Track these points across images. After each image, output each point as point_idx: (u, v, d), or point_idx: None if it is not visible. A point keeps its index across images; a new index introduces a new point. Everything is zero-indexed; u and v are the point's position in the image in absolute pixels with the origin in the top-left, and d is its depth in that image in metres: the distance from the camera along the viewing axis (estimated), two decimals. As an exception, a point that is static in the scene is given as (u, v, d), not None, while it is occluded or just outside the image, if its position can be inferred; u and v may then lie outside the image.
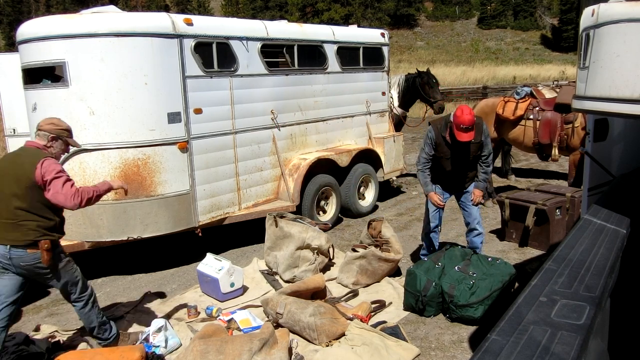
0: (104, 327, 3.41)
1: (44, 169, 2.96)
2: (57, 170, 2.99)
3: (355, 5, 46.42)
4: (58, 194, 2.95)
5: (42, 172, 2.95)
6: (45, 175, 2.95)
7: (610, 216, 2.65)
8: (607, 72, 2.37)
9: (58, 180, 2.97)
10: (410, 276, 3.92)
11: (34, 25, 4.53)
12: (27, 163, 2.97)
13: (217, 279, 4.18)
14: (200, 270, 4.37)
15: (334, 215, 6.22)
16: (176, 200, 4.76)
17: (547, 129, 6.41)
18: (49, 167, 2.97)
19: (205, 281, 4.36)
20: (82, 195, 3.02)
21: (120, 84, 4.42)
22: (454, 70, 29.64)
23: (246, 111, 5.28)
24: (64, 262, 3.20)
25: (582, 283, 1.83)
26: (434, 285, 3.81)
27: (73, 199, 2.98)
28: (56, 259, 3.12)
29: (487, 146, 4.23)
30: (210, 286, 4.30)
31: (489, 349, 1.39)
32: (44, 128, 3.11)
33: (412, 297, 3.90)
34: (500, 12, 51.22)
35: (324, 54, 6.16)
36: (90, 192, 3.09)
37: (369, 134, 6.96)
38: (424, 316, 3.89)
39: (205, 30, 4.84)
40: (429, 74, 7.77)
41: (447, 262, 4.03)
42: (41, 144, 3.09)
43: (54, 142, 3.12)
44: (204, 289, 4.44)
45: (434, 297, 3.81)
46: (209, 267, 4.32)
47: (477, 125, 4.09)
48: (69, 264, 3.23)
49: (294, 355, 3.27)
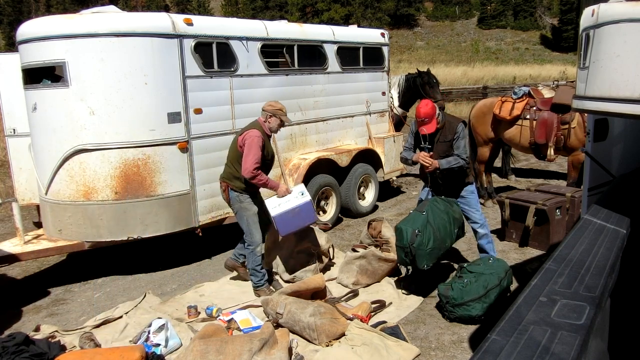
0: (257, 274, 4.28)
1: (245, 137, 4.00)
2: (253, 145, 3.94)
3: (355, 5, 46.43)
4: (245, 160, 3.95)
5: (244, 138, 4.00)
6: (243, 142, 4.00)
7: (610, 216, 2.65)
8: (607, 72, 2.37)
9: (249, 153, 3.93)
10: (397, 232, 3.99)
11: (34, 25, 4.54)
12: (243, 129, 4.14)
13: (308, 201, 4.21)
14: (279, 213, 4.11)
15: (334, 215, 6.22)
16: (176, 200, 4.76)
17: (544, 129, 6.39)
18: (248, 138, 3.98)
19: (290, 217, 4.15)
20: (258, 174, 3.95)
21: (120, 84, 4.42)
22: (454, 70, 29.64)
23: (246, 111, 5.28)
24: (237, 207, 4.18)
25: (582, 283, 1.82)
26: (418, 233, 3.86)
27: (249, 172, 3.91)
28: (234, 202, 4.19)
29: (458, 148, 4.24)
30: (300, 216, 4.19)
31: (489, 349, 1.39)
32: (265, 108, 4.17)
33: (402, 251, 3.96)
34: (500, 12, 51.24)
35: (324, 54, 6.16)
36: (264, 179, 4.01)
37: (369, 134, 6.96)
38: (419, 268, 3.95)
39: (205, 30, 4.84)
40: (429, 74, 7.76)
41: (430, 208, 4.07)
42: (262, 120, 4.15)
43: (270, 119, 4.14)
44: (287, 229, 4.20)
45: (421, 245, 3.85)
46: (287, 202, 4.16)
47: (450, 124, 4.26)
48: (241, 212, 4.18)
49: (294, 355, 3.27)
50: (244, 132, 4.08)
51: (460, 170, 4.30)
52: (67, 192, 4.58)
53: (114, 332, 3.76)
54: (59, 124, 4.49)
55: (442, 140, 4.27)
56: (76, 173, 4.51)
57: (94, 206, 4.55)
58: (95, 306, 4.33)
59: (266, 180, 4.04)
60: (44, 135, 4.61)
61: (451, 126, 4.27)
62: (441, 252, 4.05)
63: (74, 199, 4.57)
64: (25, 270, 5.26)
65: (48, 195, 4.70)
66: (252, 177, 3.94)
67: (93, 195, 4.53)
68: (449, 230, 4.08)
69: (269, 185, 4.08)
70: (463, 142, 4.24)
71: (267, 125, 4.16)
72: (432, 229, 3.92)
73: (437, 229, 3.96)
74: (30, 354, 3.21)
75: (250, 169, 3.92)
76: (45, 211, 4.83)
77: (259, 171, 3.97)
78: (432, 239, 3.90)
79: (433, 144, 4.30)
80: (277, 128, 4.23)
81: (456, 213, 4.23)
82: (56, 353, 3.26)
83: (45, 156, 4.64)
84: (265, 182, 4.04)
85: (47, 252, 4.69)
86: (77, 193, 4.55)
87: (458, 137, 4.23)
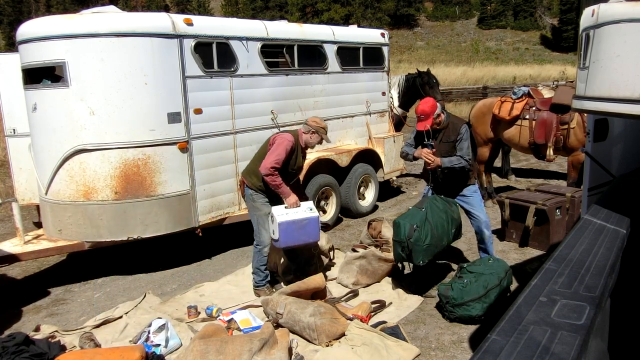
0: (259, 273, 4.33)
1: (276, 137, 4.11)
2: (280, 146, 3.99)
3: (355, 5, 46.43)
4: (267, 157, 3.98)
5: (276, 138, 4.10)
6: (274, 141, 4.08)
7: (610, 216, 2.65)
8: (607, 72, 2.37)
9: (274, 152, 3.98)
10: (395, 227, 4.00)
11: (34, 25, 4.54)
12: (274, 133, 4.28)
13: (317, 217, 4.14)
14: (286, 220, 4.00)
15: (334, 215, 6.22)
16: (176, 200, 4.76)
17: (543, 129, 6.38)
18: (279, 138, 4.07)
19: (295, 228, 4.04)
20: (273, 175, 3.95)
21: (120, 84, 4.42)
22: (454, 70, 29.66)
23: (246, 111, 5.28)
24: (249, 205, 4.24)
25: (582, 283, 1.82)
26: (416, 228, 3.86)
27: (265, 169, 3.92)
28: (247, 199, 4.25)
29: (461, 150, 4.23)
30: (305, 231, 4.09)
31: (489, 349, 1.39)
32: (309, 123, 4.22)
33: (399, 246, 3.97)
34: (500, 12, 51.26)
35: (324, 54, 6.16)
36: (278, 182, 3.99)
37: (369, 134, 6.96)
38: (415, 264, 3.98)
39: (205, 30, 4.84)
40: (429, 74, 7.76)
41: (429, 206, 4.07)
42: (301, 131, 4.22)
43: (312, 135, 4.20)
44: (288, 241, 4.08)
45: (418, 241, 3.86)
46: (294, 213, 4.06)
47: (454, 124, 4.27)
48: (253, 211, 4.23)
49: (294, 355, 3.27)
50: (279, 133, 4.17)
51: (462, 171, 4.30)
52: (67, 192, 4.58)
53: (114, 332, 3.76)
54: (59, 124, 4.49)
55: (445, 140, 4.28)
56: (76, 173, 4.51)
57: (94, 206, 4.55)
58: (95, 306, 4.33)
59: (280, 183, 4.00)
60: (44, 135, 4.61)
61: (455, 127, 4.27)
62: (437, 250, 4.06)
63: (74, 199, 4.57)
64: (25, 270, 5.25)
65: (48, 195, 4.70)
66: (267, 174, 3.93)
67: (93, 195, 4.53)
68: (447, 230, 4.09)
69: (280, 189, 4.02)
70: (466, 144, 4.23)
71: (306, 139, 4.20)
72: (430, 225, 3.93)
73: (434, 227, 3.96)
74: (30, 354, 3.21)
75: (268, 167, 3.91)
76: (45, 211, 4.83)
77: (276, 172, 3.95)
78: (429, 236, 3.91)
79: (437, 139, 4.31)
80: (315, 145, 4.29)
81: (454, 213, 4.23)
82: (56, 353, 3.26)
83: (45, 156, 4.64)
84: (278, 184, 4.00)
85: (47, 252, 4.69)
86: (77, 193, 4.55)
87: (461, 139, 4.23)
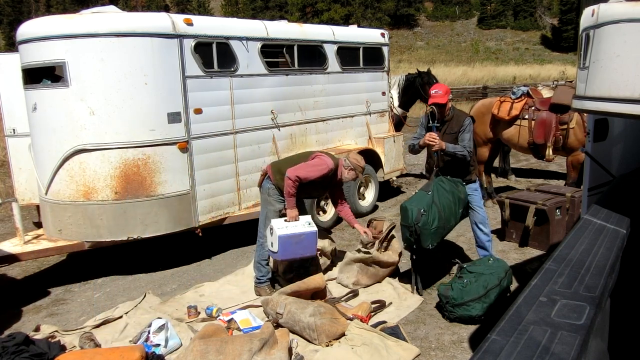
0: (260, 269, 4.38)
1: (320, 156, 4.26)
2: (316, 167, 4.14)
3: (355, 5, 46.43)
4: (299, 166, 4.11)
5: (317, 156, 4.27)
6: (314, 158, 4.25)
7: (610, 216, 2.65)
8: (607, 72, 2.37)
9: (308, 167, 4.12)
10: (403, 211, 4.01)
11: (34, 25, 4.54)
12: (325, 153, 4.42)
13: (315, 231, 4.14)
14: (286, 234, 4.01)
15: (333, 215, 6.22)
16: (176, 200, 4.76)
17: (542, 129, 6.37)
18: (320, 159, 4.23)
19: (293, 242, 4.06)
20: (294, 184, 4.02)
21: (120, 84, 4.42)
22: (454, 70, 29.66)
23: (246, 111, 5.28)
24: (264, 197, 4.35)
25: (582, 283, 1.82)
26: (424, 212, 3.87)
27: (292, 174, 4.01)
28: (263, 191, 4.36)
29: (463, 141, 4.28)
30: (302, 245, 4.10)
31: (489, 349, 1.39)
32: (351, 160, 4.34)
33: (407, 230, 3.97)
34: (500, 12, 51.23)
35: (324, 54, 6.16)
36: (292, 192, 4.06)
37: (369, 134, 6.96)
38: (423, 247, 3.94)
39: (205, 30, 4.84)
40: (429, 74, 7.77)
41: (436, 188, 4.09)
42: (342, 163, 4.33)
43: (350, 171, 4.33)
44: (286, 254, 4.10)
45: (426, 224, 3.87)
46: (294, 227, 4.08)
47: (458, 117, 4.36)
48: (265, 204, 4.33)
49: (294, 355, 3.27)
50: (324, 153, 4.32)
51: (463, 163, 4.32)
52: (67, 192, 4.58)
53: (114, 332, 3.76)
54: (59, 124, 4.49)
55: (449, 132, 4.34)
56: (76, 173, 4.51)
57: (94, 206, 4.55)
58: (95, 306, 4.33)
59: (292, 194, 4.07)
60: (44, 135, 4.61)
61: (458, 119, 4.35)
62: (445, 232, 4.14)
63: (74, 199, 4.57)
64: (25, 270, 5.26)
65: (48, 195, 4.70)
66: (289, 179, 4.01)
67: (93, 195, 4.53)
68: (454, 210, 4.14)
69: (289, 198, 4.08)
70: (468, 136, 4.30)
71: (343, 172, 4.32)
72: (437, 208, 3.96)
73: (442, 209, 4.00)
74: (30, 354, 3.21)
75: (294, 174, 4.01)
76: (45, 211, 4.83)
77: (297, 183, 4.03)
78: (437, 219, 3.94)
79: (441, 130, 4.36)
80: (348, 180, 4.43)
81: (461, 193, 4.28)
82: (56, 353, 3.26)
83: (45, 156, 4.64)
84: (289, 193, 4.06)
85: (47, 252, 4.69)
86: (77, 193, 4.55)
87: (464, 130, 4.30)
